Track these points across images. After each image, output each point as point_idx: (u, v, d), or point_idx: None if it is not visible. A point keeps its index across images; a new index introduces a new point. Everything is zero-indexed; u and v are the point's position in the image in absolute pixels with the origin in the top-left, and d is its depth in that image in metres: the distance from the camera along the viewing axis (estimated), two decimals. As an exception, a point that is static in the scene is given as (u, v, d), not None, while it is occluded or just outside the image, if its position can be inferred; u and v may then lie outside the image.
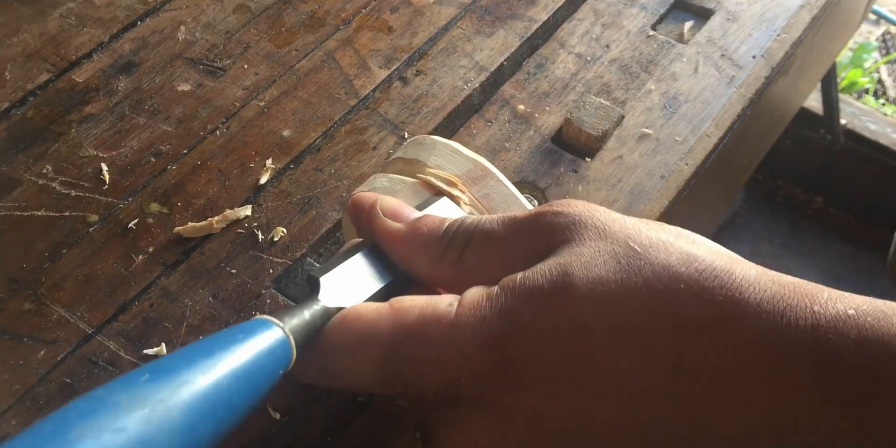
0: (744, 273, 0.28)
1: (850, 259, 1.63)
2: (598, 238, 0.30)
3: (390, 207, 0.35)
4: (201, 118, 0.58)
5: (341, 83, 0.60)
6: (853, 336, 0.25)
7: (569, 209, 0.32)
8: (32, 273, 0.50)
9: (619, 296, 0.28)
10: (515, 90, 0.60)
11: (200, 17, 0.65)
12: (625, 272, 0.28)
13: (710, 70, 0.61)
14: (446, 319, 0.30)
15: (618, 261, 0.29)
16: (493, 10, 0.65)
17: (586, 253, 0.29)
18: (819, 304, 0.26)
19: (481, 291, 0.31)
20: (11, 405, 0.45)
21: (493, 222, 0.33)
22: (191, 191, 0.54)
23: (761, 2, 0.66)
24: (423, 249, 0.34)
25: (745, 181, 1.16)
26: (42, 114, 0.59)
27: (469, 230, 0.33)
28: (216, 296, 0.49)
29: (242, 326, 0.29)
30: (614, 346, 0.28)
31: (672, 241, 0.29)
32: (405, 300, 0.32)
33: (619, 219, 0.31)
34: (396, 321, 0.31)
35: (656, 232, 0.30)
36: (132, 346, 0.47)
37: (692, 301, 0.27)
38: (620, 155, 0.56)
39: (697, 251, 0.29)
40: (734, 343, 0.26)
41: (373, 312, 0.31)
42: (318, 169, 0.56)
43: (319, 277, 0.32)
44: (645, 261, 0.28)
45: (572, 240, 0.30)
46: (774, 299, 0.26)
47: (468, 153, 0.41)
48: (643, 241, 0.29)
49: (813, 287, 0.27)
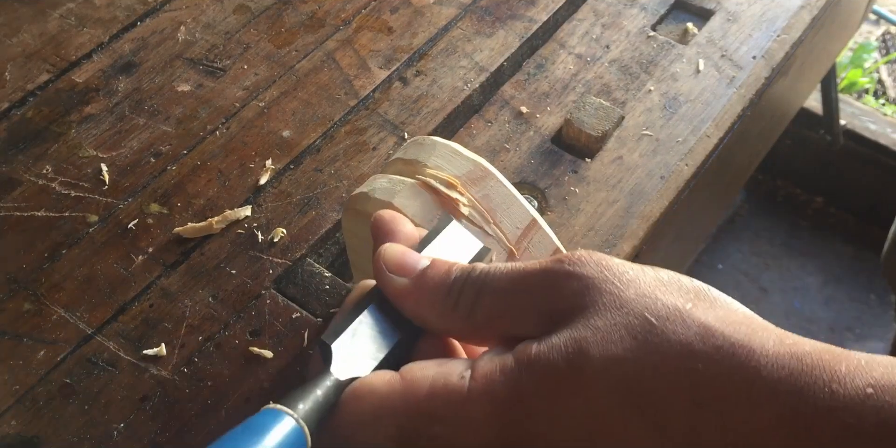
0: (762, 348, 0.27)
1: (850, 259, 1.63)
2: (614, 307, 0.29)
3: (394, 261, 0.34)
4: (201, 118, 0.58)
5: (341, 83, 0.60)
6: (871, 419, 0.25)
7: (581, 270, 0.31)
8: (32, 273, 0.50)
9: (635, 376, 0.27)
10: (515, 91, 0.60)
11: (200, 18, 0.65)
12: (641, 350, 0.28)
13: (711, 70, 0.61)
14: (459, 395, 0.30)
15: (634, 336, 0.28)
16: (493, 11, 0.65)
17: (602, 327, 0.29)
18: (837, 380, 0.26)
19: (494, 362, 0.30)
20: (11, 405, 0.45)
21: (501, 277, 0.32)
22: (191, 191, 0.54)
23: (761, 2, 0.65)
24: (431, 306, 0.33)
25: (745, 181, 1.16)
26: (42, 114, 0.59)
27: (477, 285, 0.32)
28: (216, 296, 0.49)
29: (255, 422, 0.29)
30: (630, 427, 0.27)
31: (689, 309, 0.29)
32: (416, 369, 0.31)
33: (634, 279, 0.30)
34: (408, 396, 0.30)
35: (673, 297, 0.29)
36: (132, 346, 0.47)
37: (710, 381, 0.27)
38: (620, 155, 0.56)
39: (715, 323, 0.28)
40: (753, 425, 0.26)
41: (385, 385, 0.31)
42: (317, 169, 0.56)
43: (331, 345, 0.32)
44: (661, 337, 0.28)
45: (587, 308, 0.30)
46: (793, 377, 0.26)
47: (468, 154, 0.41)
48: (659, 312, 0.29)
49: (831, 357, 0.26)
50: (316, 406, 0.30)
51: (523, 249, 0.40)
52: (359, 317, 0.34)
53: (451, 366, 0.31)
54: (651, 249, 0.57)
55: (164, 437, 0.44)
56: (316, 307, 0.49)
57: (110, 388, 0.46)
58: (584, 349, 0.28)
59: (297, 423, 0.29)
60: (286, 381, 0.46)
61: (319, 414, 0.30)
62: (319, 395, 0.31)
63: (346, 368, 0.32)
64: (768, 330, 0.28)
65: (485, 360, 0.31)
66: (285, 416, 0.29)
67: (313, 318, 0.49)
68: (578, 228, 0.52)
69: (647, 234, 0.53)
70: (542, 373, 0.29)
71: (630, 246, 0.52)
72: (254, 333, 0.48)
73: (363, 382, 0.31)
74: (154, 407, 0.45)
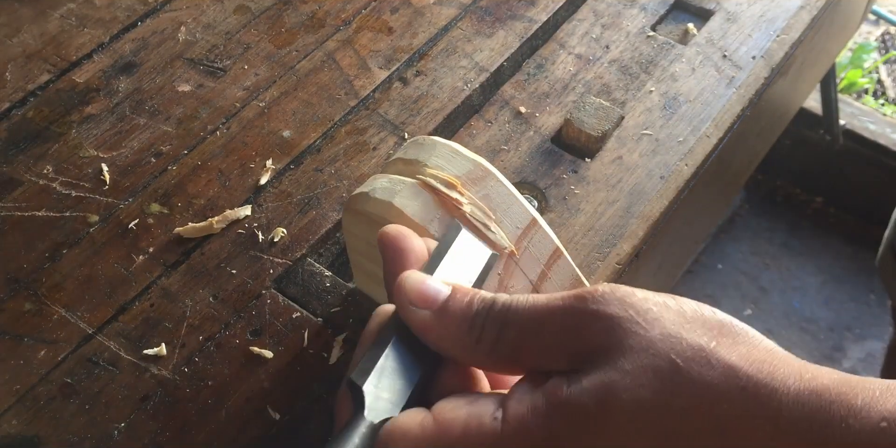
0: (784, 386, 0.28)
1: (850, 259, 1.63)
2: (640, 349, 0.30)
3: (415, 292, 0.34)
4: (201, 118, 0.58)
5: (341, 84, 0.60)
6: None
7: (606, 310, 0.31)
8: (33, 273, 0.50)
9: (661, 419, 0.29)
10: (515, 91, 0.60)
11: (201, 18, 0.65)
12: (668, 392, 0.29)
13: (710, 71, 0.61)
14: (492, 436, 0.30)
15: (661, 379, 0.29)
16: (493, 11, 0.65)
17: (630, 370, 0.30)
18: (853, 415, 0.27)
19: (525, 403, 0.31)
20: (12, 405, 0.45)
21: (523, 313, 0.32)
22: (191, 191, 0.54)
23: (761, 3, 0.66)
24: (454, 340, 0.33)
25: (744, 181, 1.16)
26: (42, 114, 0.59)
27: (499, 321, 0.33)
28: (216, 296, 0.50)
29: None
30: None
31: (713, 347, 0.30)
32: (447, 410, 0.32)
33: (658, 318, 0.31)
34: (442, 439, 0.31)
35: (696, 335, 0.30)
36: (132, 346, 0.47)
37: (734, 422, 0.28)
38: (620, 155, 0.56)
39: (738, 362, 0.29)
40: None
41: (417, 428, 0.31)
42: (318, 169, 0.56)
43: (362, 386, 0.33)
44: (687, 378, 0.29)
45: (613, 350, 0.30)
46: (813, 414, 0.27)
47: (468, 154, 0.41)
48: (685, 353, 0.30)
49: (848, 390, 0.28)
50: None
51: (523, 249, 0.40)
52: (384, 353, 0.34)
53: (482, 405, 0.32)
54: (651, 249, 0.57)
55: (165, 437, 0.44)
56: (316, 307, 0.49)
57: (111, 387, 0.46)
58: (614, 392, 0.29)
59: None
60: (286, 381, 0.46)
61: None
62: (357, 444, 0.31)
63: (377, 410, 0.33)
64: (790, 365, 0.29)
65: (515, 399, 0.31)
66: None
67: (313, 318, 0.49)
68: (578, 228, 0.53)
69: (646, 234, 0.53)
70: (573, 415, 0.30)
71: (630, 246, 0.52)
72: (254, 333, 0.48)
73: (396, 426, 0.32)
74: (154, 407, 0.45)
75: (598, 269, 0.51)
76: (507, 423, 0.30)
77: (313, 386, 0.46)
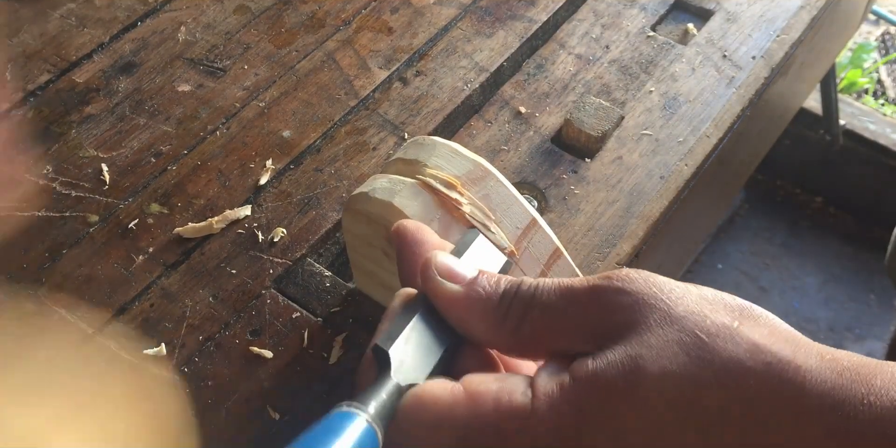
0: (807, 364, 0.29)
1: (850, 259, 1.63)
2: (665, 323, 0.30)
3: (445, 268, 0.34)
4: (201, 119, 0.58)
5: (341, 84, 0.60)
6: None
7: (630, 286, 0.32)
8: (32, 273, 0.50)
9: (689, 392, 0.29)
10: (515, 91, 0.60)
11: (200, 18, 0.65)
12: (695, 365, 0.29)
13: (710, 71, 0.61)
14: (524, 411, 0.30)
15: (687, 353, 0.29)
16: (493, 11, 0.65)
17: (655, 344, 0.30)
18: (874, 393, 0.28)
19: (554, 380, 0.31)
20: (12, 405, 0.45)
21: (550, 293, 0.33)
22: (191, 191, 0.54)
23: (761, 3, 0.66)
24: (481, 316, 0.34)
25: (745, 181, 1.16)
26: (42, 114, 0.59)
27: (526, 300, 0.33)
28: (216, 296, 0.50)
29: (329, 422, 0.30)
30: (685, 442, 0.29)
31: (737, 326, 0.30)
32: (477, 382, 0.32)
33: (682, 296, 0.31)
34: (472, 409, 0.31)
35: (720, 314, 0.30)
36: (132, 346, 0.47)
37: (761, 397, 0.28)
38: (620, 155, 0.56)
39: (762, 340, 0.29)
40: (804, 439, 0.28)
41: (448, 395, 0.31)
42: (318, 169, 0.56)
43: (388, 350, 0.33)
44: (714, 354, 0.29)
45: (638, 324, 0.31)
46: (834, 391, 0.28)
47: (468, 154, 0.41)
48: (709, 329, 0.30)
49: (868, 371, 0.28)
50: (383, 409, 0.31)
51: (523, 249, 0.40)
52: (410, 323, 0.34)
53: (513, 382, 0.32)
54: (651, 249, 0.57)
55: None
56: (316, 307, 0.49)
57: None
58: (641, 366, 0.29)
59: (369, 424, 0.30)
60: (286, 381, 0.46)
61: (387, 417, 0.31)
62: (385, 399, 0.31)
63: (404, 374, 0.32)
64: (810, 346, 0.30)
65: (543, 377, 0.31)
66: (357, 417, 0.30)
67: (313, 318, 0.49)
68: (578, 228, 0.53)
69: (646, 234, 0.53)
70: (601, 389, 0.30)
71: (630, 246, 0.52)
72: (254, 333, 0.48)
73: (426, 390, 0.32)
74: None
75: (598, 270, 0.51)
76: (538, 398, 0.30)
77: (313, 386, 0.46)
